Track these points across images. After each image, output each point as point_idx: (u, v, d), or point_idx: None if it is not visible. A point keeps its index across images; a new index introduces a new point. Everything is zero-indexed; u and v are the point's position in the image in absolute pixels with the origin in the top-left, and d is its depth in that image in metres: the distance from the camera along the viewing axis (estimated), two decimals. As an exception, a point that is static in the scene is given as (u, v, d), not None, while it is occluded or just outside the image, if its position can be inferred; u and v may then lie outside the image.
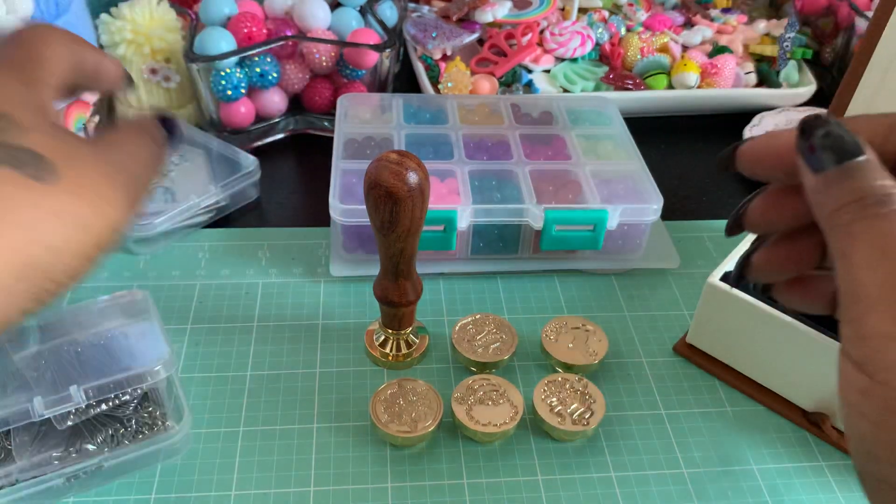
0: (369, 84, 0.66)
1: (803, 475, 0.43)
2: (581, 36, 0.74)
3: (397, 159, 0.38)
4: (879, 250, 0.22)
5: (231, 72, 0.61)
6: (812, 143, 0.24)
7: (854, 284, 0.23)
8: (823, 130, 0.24)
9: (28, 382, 0.38)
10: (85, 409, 0.39)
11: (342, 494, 0.40)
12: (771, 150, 0.27)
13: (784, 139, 0.27)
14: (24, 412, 0.36)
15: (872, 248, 0.22)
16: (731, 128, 0.70)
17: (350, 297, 0.52)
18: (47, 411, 0.37)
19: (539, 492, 0.41)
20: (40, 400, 0.37)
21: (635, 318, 0.52)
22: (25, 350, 0.40)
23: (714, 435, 0.45)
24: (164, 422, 0.41)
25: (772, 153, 0.27)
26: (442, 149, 0.57)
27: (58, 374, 0.39)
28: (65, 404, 0.37)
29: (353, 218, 0.50)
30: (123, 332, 0.42)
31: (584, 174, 0.54)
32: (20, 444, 0.39)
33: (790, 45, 0.73)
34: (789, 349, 0.43)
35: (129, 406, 0.41)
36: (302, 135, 0.68)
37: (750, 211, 0.29)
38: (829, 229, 0.24)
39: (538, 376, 0.47)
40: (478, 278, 0.54)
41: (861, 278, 0.22)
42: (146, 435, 0.40)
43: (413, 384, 0.44)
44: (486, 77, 0.70)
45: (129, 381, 0.38)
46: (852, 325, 0.23)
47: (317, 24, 0.64)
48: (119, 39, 0.61)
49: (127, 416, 0.40)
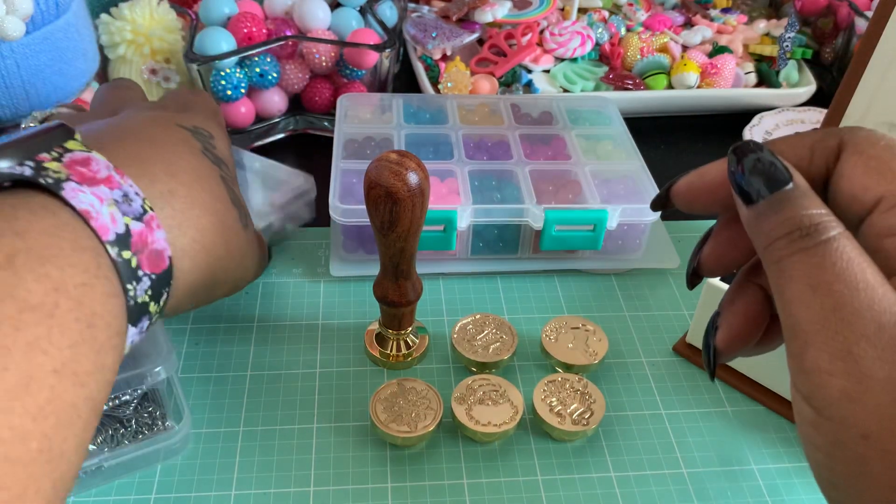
0: (369, 84, 0.66)
1: (803, 475, 0.43)
2: (581, 36, 0.74)
3: (397, 159, 0.38)
4: (810, 286, 0.22)
5: (231, 72, 0.61)
6: (742, 167, 0.24)
7: (791, 320, 0.22)
8: (754, 157, 0.24)
9: None
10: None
11: (342, 494, 0.40)
12: (704, 186, 0.27)
13: (714, 174, 0.27)
14: None
15: (803, 284, 0.22)
16: (731, 128, 0.70)
17: (350, 297, 0.52)
18: None
19: (539, 492, 0.41)
20: None
21: (635, 318, 0.52)
22: None
23: (714, 435, 0.45)
24: (164, 422, 0.41)
25: (705, 189, 0.27)
26: (442, 149, 0.57)
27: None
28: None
29: (353, 218, 0.50)
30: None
31: (583, 174, 0.54)
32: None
33: (790, 45, 0.73)
34: (789, 349, 0.43)
35: (130, 406, 0.41)
36: (302, 135, 0.68)
37: (704, 259, 0.29)
38: (766, 265, 0.24)
39: (538, 376, 0.47)
40: (478, 278, 0.54)
41: (796, 315, 0.22)
42: (146, 435, 0.40)
43: (413, 384, 0.44)
44: (486, 77, 0.70)
45: (129, 382, 0.38)
46: (794, 359, 0.22)
47: (317, 24, 0.64)
48: (119, 40, 0.61)
49: (127, 416, 0.40)
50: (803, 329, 0.22)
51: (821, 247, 0.22)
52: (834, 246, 0.22)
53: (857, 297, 0.21)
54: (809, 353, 0.22)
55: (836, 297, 0.21)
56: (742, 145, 0.25)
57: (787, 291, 0.23)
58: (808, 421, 0.22)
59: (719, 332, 0.28)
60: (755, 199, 0.24)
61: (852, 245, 0.22)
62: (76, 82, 0.58)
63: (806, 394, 0.22)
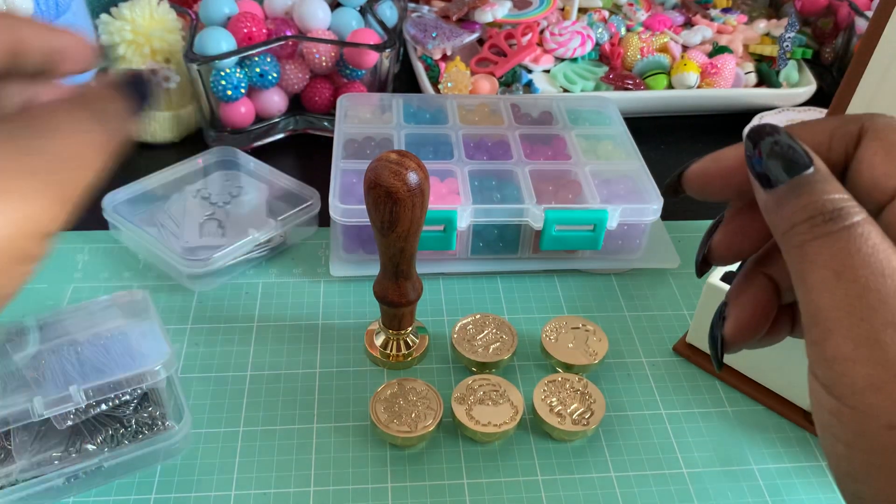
0: (369, 84, 0.66)
1: (803, 475, 0.43)
2: (581, 36, 0.74)
3: (397, 159, 0.38)
4: (833, 272, 0.21)
5: (231, 72, 0.61)
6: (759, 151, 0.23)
7: (812, 307, 0.22)
8: (771, 139, 0.23)
9: (28, 382, 0.38)
10: (85, 410, 0.39)
11: (342, 494, 0.40)
12: (718, 170, 0.26)
13: (730, 158, 0.26)
14: (25, 412, 0.36)
15: (827, 270, 0.21)
16: (731, 128, 0.70)
17: (350, 297, 0.52)
18: (47, 411, 0.37)
19: (539, 492, 0.41)
20: (40, 400, 0.37)
21: (635, 318, 0.52)
22: (25, 350, 0.40)
23: (714, 435, 0.45)
24: (164, 422, 0.41)
25: (719, 173, 0.26)
26: (442, 149, 0.57)
27: (58, 374, 0.39)
28: (65, 404, 0.37)
29: (353, 218, 0.50)
30: (123, 332, 0.41)
31: (583, 174, 0.54)
32: (20, 444, 0.39)
33: (790, 45, 0.73)
34: (789, 349, 0.43)
35: (130, 406, 0.41)
36: (302, 135, 0.68)
37: (714, 246, 0.28)
38: (785, 250, 0.23)
39: (538, 376, 0.47)
40: (478, 278, 0.54)
41: (818, 301, 0.22)
42: (146, 435, 0.40)
43: (413, 384, 0.44)
44: (486, 77, 0.70)
45: (129, 382, 0.38)
46: (815, 347, 0.22)
47: (317, 24, 0.64)
48: (119, 40, 0.61)
49: (127, 416, 0.40)
50: (826, 316, 0.21)
51: (844, 232, 0.21)
52: (858, 231, 0.21)
53: (884, 283, 0.21)
54: (832, 340, 0.21)
55: (861, 283, 0.21)
56: (758, 128, 0.24)
57: (809, 278, 0.22)
58: (829, 410, 0.22)
59: (727, 322, 0.27)
60: (774, 183, 0.23)
61: (877, 231, 0.22)
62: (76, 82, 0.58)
63: (827, 383, 0.21)
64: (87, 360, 0.40)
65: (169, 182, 0.57)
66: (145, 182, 0.56)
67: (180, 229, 0.54)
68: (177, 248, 0.51)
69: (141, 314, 0.43)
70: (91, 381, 0.38)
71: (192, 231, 0.54)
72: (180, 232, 0.53)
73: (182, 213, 0.55)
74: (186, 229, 0.54)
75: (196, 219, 0.55)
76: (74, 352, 0.40)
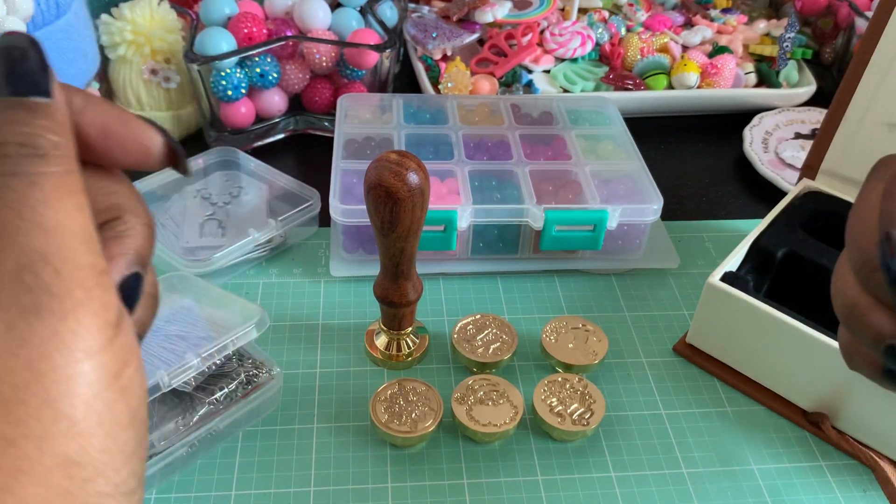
0: (369, 84, 0.66)
1: (803, 475, 0.43)
2: (581, 36, 0.74)
3: (397, 159, 0.38)
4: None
5: (231, 72, 0.61)
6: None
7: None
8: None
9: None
10: (198, 376, 0.41)
11: (342, 494, 0.40)
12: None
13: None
14: (155, 386, 0.38)
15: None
16: (731, 128, 0.70)
17: (350, 297, 0.52)
18: (173, 381, 0.38)
19: (539, 492, 0.41)
20: (162, 373, 0.38)
21: (635, 318, 0.52)
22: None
23: (714, 435, 0.45)
24: (270, 370, 0.43)
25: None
26: (442, 149, 0.57)
27: (158, 350, 0.40)
28: (186, 372, 0.39)
29: (353, 218, 0.50)
30: (188, 307, 0.44)
31: (583, 174, 0.54)
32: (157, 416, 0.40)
33: (790, 45, 0.73)
34: (789, 349, 0.43)
35: (233, 362, 0.43)
36: (302, 135, 0.68)
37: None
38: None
39: (538, 376, 0.47)
40: (478, 278, 0.54)
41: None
42: (256, 383, 0.42)
43: (413, 384, 0.44)
44: (486, 77, 0.70)
45: (234, 342, 0.41)
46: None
47: (317, 24, 0.64)
48: (119, 40, 0.61)
49: (235, 369, 0.42)
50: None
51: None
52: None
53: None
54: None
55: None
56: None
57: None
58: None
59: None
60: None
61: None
62: (76, 83, 0.58)
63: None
64: (172, 334, 0.42)
65: (169, 182, 0.57)
66: (145, 182, 0.56)
67: (180, 229, 0.54)
68: (177, 248, 0.51)
69: (190, 289, 0.45)
70: (197, 348, 0.40)
71: (192, 231, 0.54)
72: (180, 232, 0.53)
73: (182, 213, 0.55)
74: (187, 229, 0.54)
75: (196, 219, 0.55)
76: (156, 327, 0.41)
